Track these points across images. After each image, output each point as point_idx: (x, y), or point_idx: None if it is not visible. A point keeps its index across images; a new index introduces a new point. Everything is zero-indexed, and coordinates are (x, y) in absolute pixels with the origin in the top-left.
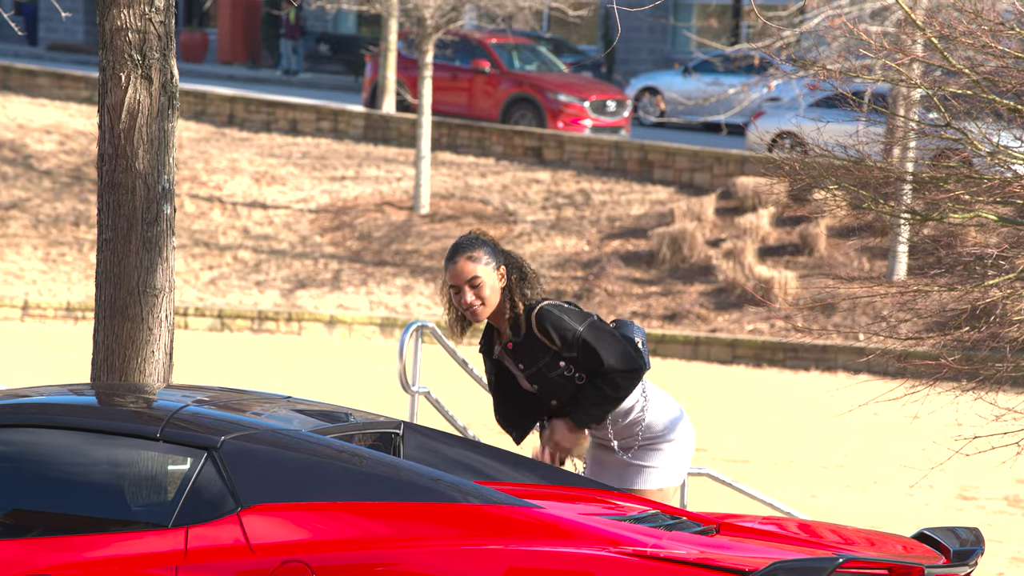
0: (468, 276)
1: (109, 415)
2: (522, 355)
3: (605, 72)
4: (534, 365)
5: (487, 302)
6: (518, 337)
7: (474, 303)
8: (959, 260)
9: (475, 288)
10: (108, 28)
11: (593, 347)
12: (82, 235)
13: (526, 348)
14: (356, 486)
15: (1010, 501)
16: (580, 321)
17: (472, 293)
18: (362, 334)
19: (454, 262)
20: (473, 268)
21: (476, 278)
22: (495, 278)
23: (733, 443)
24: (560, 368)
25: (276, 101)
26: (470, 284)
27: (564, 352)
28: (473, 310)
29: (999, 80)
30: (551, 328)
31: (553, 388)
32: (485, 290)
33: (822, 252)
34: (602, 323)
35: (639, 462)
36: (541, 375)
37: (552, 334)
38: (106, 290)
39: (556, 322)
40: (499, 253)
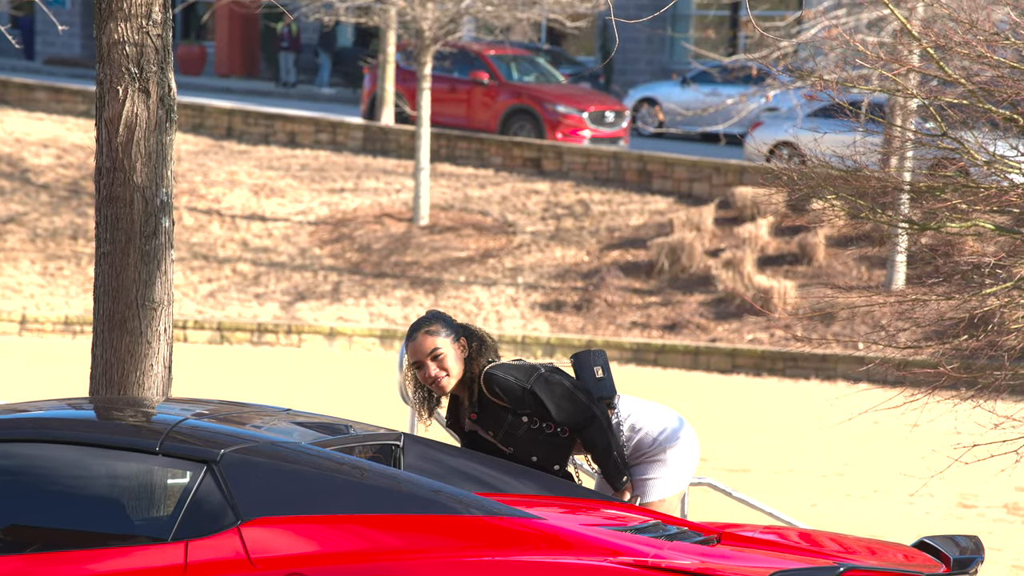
0: (429, 349)
1: (108, 429)
2: (487, 422)
3: (603, 83)
4: (500, 428)
5: (451, 372)
6: (475, 407)
7: (439, 375)
8: (957, 269)
9: (437, 360)
10: (105, 42)
11: (542, 401)
12: (80, 249)
13: (488, 415)
14: (357, 498)
15: (1009, 509)
16: (527, 377)
17: (435, 365)
18: (362, 346)
19: (413, 339)
20: (433, 341)
21: (436, 350)
22: (455, 349)
23: (733, 452)
24: (524, 424)
25: (274, 114)
26: (432, 357)
27: (518, 409)
28: (439, 383)
29: (995, 90)
30: (499, 389)
31: (526, 445)
32: (448, 361)
33: (821, 261)
34: (551, 374)
35: (638, 476)
36: (510, 436)
37: (501, 395)
38: (104, 304)
39: (503, 383)
40: (457, 326)
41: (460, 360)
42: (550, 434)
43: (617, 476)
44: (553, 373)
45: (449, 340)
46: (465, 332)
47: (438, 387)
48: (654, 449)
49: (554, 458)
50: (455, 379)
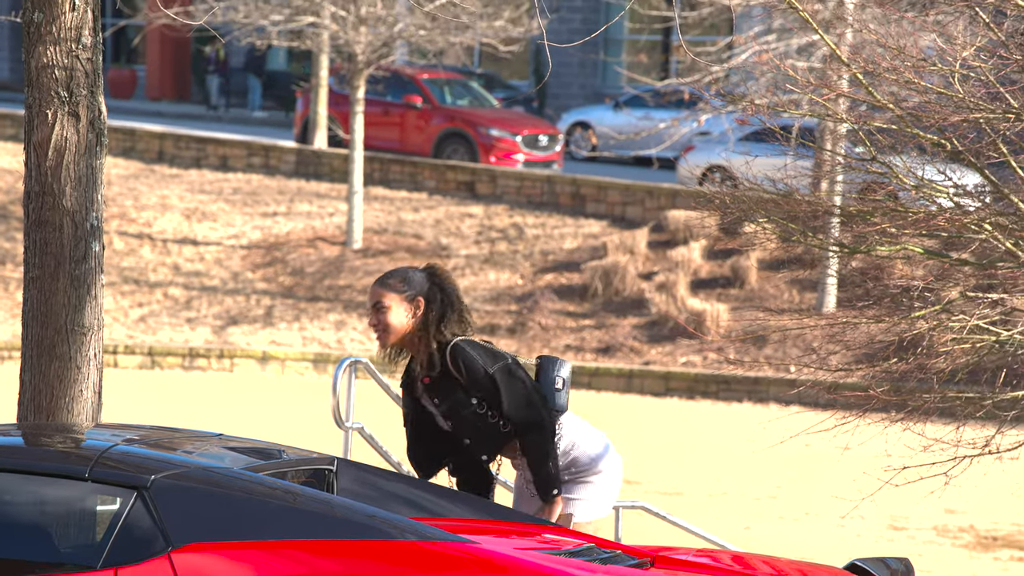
0: (373, 299)
1: (36, 455)
2: (437, 391)
3: (536, 107)
4: (447, 400)
5: (388, 329)
6: (433, 372)
7: (375, 326)
8: (886, 292)
9: (378, 312)
10: (34, 65)
11: (499, 390)
12: (8, 273)
13: (441, 384)
14: (289, 523)
15: (939, 531)
16: (493, 362)
17: (374, 316)
18: (295, 370)
19: (373, 284)
20: (380, 293)
21: (379, 303)
22: (403, 308)
23: (667, 475)
24: (472, 405)
25: (206, 137)
26: (374, 307)
27: (472, 390)
28: (376, 333)
29: (923, 115)
30: (462, 364)
31: (466, 425)
32: (388, 315)
33: (753, 284)
34: (516, 368)
35: (567, 495)
36: (455, 411)
37: (463, 370)
38: (33, 329)
39: (468, 359)
40: (424, 286)
41: (407, 319)
42: (493, 423)
43: (548, 487)
44: (517, 367)
45: (400, 297)
46: (429, 295)
47: (377, 339)
48: (586, 470)
49: (486, 447)
50: (392, 336)
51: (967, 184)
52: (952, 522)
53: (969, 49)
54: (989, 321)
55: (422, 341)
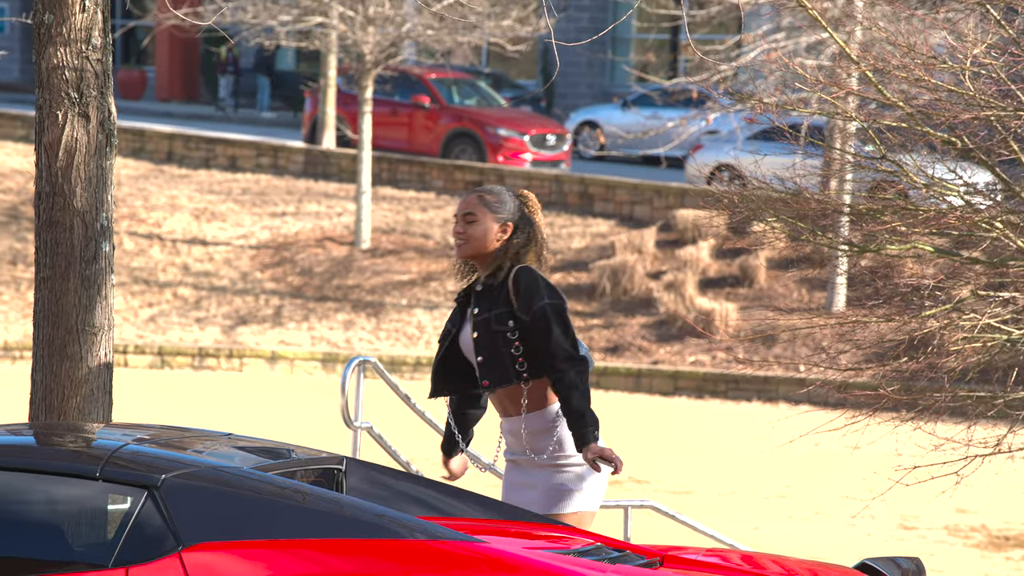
0: (465, 208)
1: (48, 455)
2: (483, 300)
3: (544, 106)
4: (488, 312)
5: (470, 240)
6: (491, 282)
7: (460, 234)
8: (896, 291)
9: (468, 222)
10: (44, 67)
11: (548, 323)
12: (19, 274)
13: (490, 295)
14: (299, 523)
15: (950, 530)
16: (553, 296)
17: (462, 224)
18: (304, 370)
19: (465, 195)
20: (474, 204)
21: (471, 214)
22: (493, 227)
23: (676, 475)
24: (508, 326)
25: (215, 138)
26: (464, 217)
27: (520, 312)
28: (457, 242)
29: (933, 113)
30: (523, 284)
31: (488, 342)
32: (475, 229)
33: (762, 284)
34: (566, 312)
35: (558, 484)
36: (487, 324)
37: (521, 288)
38: (44, 329)
39: (531, 280)
40: (517, 214)
41: (492, 239)
42: (513, 354)
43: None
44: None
45: (492, 216)
46: (519, 224)
47: (456, 245)
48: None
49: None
50: (471, 249)
51: (978, 182)
52: (963, 521)
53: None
54: (1000, 320)
55: (496, 260)
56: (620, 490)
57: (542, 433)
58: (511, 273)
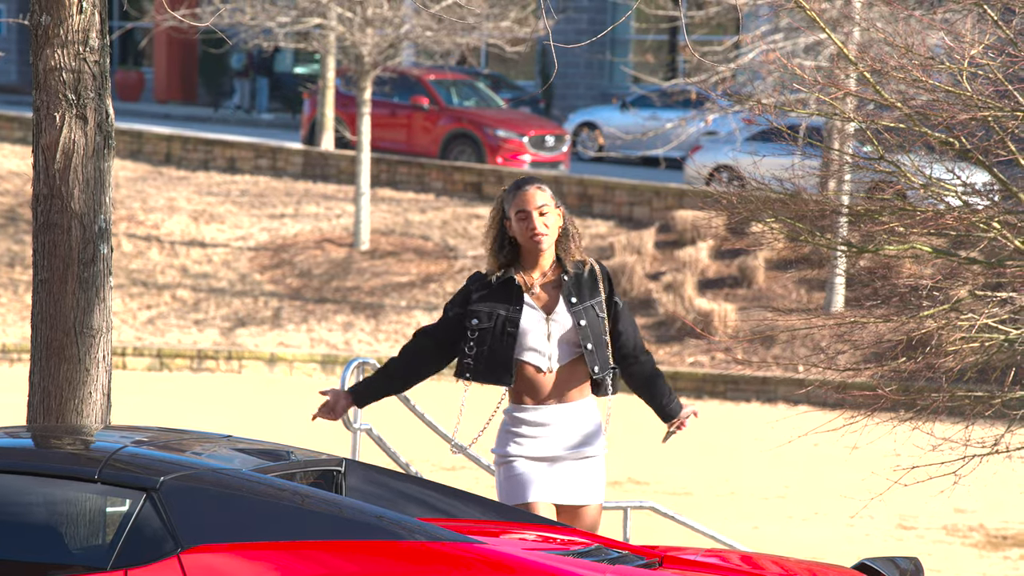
0: (540, 202)
1: (46, 457)
2: (576, 290)
3: (543, 107)
4: (586, 300)
5: (551, 232)
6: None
7: (539, 230)
8: (895, 291)
9: (544, 216)
10: (42, 68)
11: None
12: (17, 276)
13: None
14: (298, 525)
15: (948, 530)
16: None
17: (542, 221)
18: (303, 372)
19: (524, 190)
20: (545, 196)
21: (545, 206)
22: (558, 215)
23: (675, 476)
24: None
25: (213, 139)
26: (540, 211)
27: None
28: (540, 236)
29: (931, 113)
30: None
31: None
32: (551, 221)
33: (761, 284)
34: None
35: (599, 474)
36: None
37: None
38: (42, 331)
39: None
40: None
41: (557, 228)
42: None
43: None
44: None
45: (555, 204)
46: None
47: (538, 240)
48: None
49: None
50: (552, 240)
51: (975, 182)
52: (962, 521)
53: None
54: (998, 320)
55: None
56: (620, 491)
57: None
58: (594, 263)
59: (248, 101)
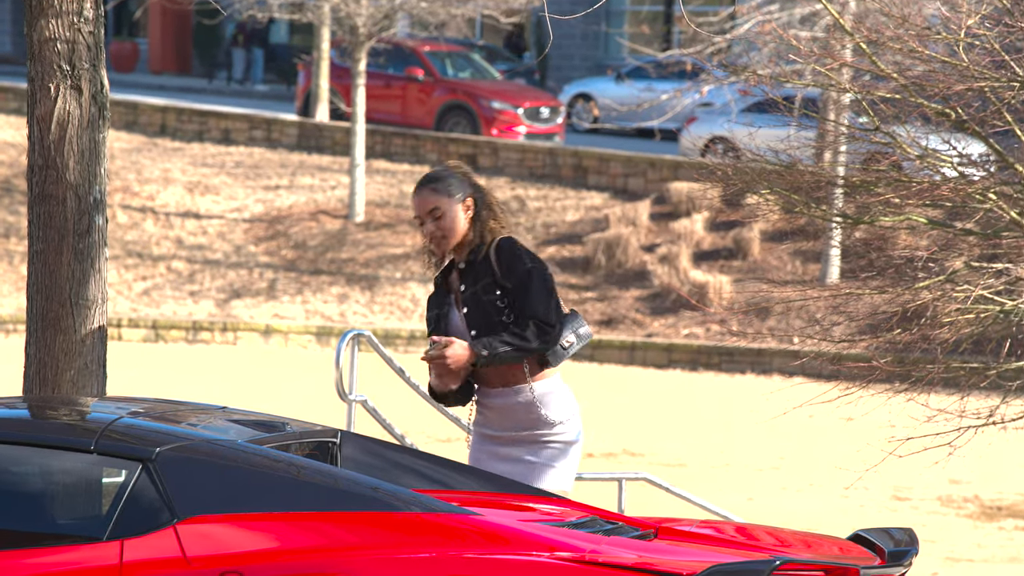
0: (428, 207)
1: (42, 428)
2: (468, 276)
3: (538, 79)
4: (474, 286)
5: (448, 233)
6: (473, 258)
7: (435, 233)
8: (890, 263)
9: (436, 219)
10: (36, 39)
11: (529, 287)
12: (12, 247)
13: (474, 269)
14: (294, 496)
15: (943, 501)
16: (534, 261)
17: (432, 224)
18: (298, 343)
19: (417, 194)
20: (435, 199)
21: (436, 209)
22: (459, 209)
23: (670, 447)
24: (496, 295)
25: (208, 111)
26: (431, 215)
27: (504, 279)
28: (435, 241)
29: (927, 84)
30: (507, 252)
31: (481, 314)
32: (446, 221)
33: (756, 256)
34: (551, 281)
35: (540, 460)
36: (476, 297)
37: (504, 258)
38: (37, 302)
39: (515, 250)
40: (468, 184)
41: (463, 221)
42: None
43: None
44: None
45: (455, 199)
46: (474, 192)
47: (436, 244)
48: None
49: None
50: (454, 239)
51: (971, 153)
52: (956, 492)
53: (974, 17)
54: (994, 291)
55: (473, 239)
56: (614, 462)
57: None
58: (492, 244)
59: (243, 72)
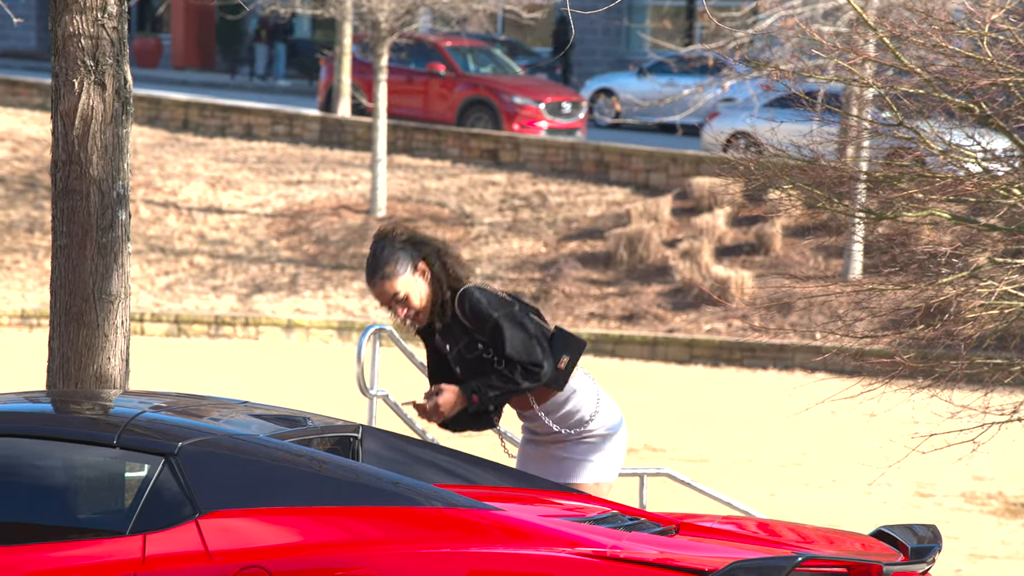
0: (389, 295)
1: (65, 422)
2: (448, 336)
3: (560, 74)
4: (457, 345)
5: (420, 308)
6: (445, 319)
7: (408, 314)
8: (913, 258)
9: (401, 302)
10: (60, 34)
11: (502, 337)
12: (36, 242)
13: (451, 330)
14: (315, 490)
15: (967, 498)
16: (500, 307)
17: (400, 308)
18: (319, 338)
19: (373, 286)
20: (392, 285)
21: (397, 293)
22: (417, 280)
23: (692, 443)
24: (479, 350)
25: (231, 106)
26: (395, 300)
27: (477, 334)
28: (411, 319)
29: (950, 79)
30: (468, 308)
31: (472, 372)
32: (414, 299)
33: (778, 251)
34: (523, 315)
35: (574, 456)
36: (461, 356)
37: (468, 314)
38: (61, 297)
39: (475, 304)
40: (414, 249)
41: (427, 286)
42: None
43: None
44: (524, 315)
45: (408, 273)
46: (424, 253)
47: (412, 324)
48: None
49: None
50: (427, 311)
51: (995, 148)
52: (980, 489)
53: (998, 12)
54: (1018, 287)
55: (436, 296)
56: (636, 458)
57: (562, 416)
58: (455, 303)
59: (265, 67)
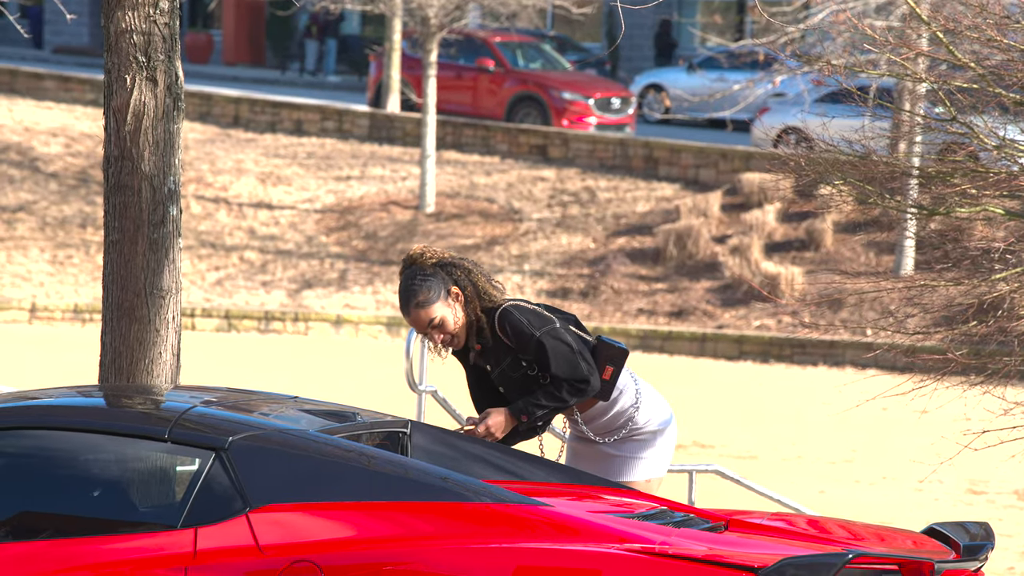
0: (426, 322)
1: (117, 416)
2: (488, 357)
3: (609, 69)
4: (499, 365)
5: (456, 331)
6: (485, 340)
7: (445, 339)
8: (966, 254)
9: (438, 328)
10: (113, 30)
11: (546, 355)
12: (89, 237)
13: (493, 350)
14: (364, 485)
15: (1020, 495)
16: (541, 325)
17: (437, 334)
18: (369, 333)
19: (407, 314)
20: (428, 313)
21: (434, 320)
22: (451, 306)
23: (741, 439)
24: (523, 368)
25: (281, 102)
26: (432, 327)
27: (522, 353)
28: (448, 344)
29: (1005, 73)
30: (509, 328)
31: (517, 390)
32: (449, 324)
33: (828, 247)
34: (563, 331)
35: (624, 453)
36: (506, 376)
37: (510, 334)
38: (113, 292)
39: (516, 325)
40: (445, 274)
41: (461, 310)
42: (543, 383)
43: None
44: (565, 330)
45: (442, 300)
46: (454, 279)
47: (452, 346)
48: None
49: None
50: (463, 335)
51: None
52: None
53: None
54: None
55: (471, 319)
56: (685, 454)
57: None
58: (495, 324)
59: (315, 63)
